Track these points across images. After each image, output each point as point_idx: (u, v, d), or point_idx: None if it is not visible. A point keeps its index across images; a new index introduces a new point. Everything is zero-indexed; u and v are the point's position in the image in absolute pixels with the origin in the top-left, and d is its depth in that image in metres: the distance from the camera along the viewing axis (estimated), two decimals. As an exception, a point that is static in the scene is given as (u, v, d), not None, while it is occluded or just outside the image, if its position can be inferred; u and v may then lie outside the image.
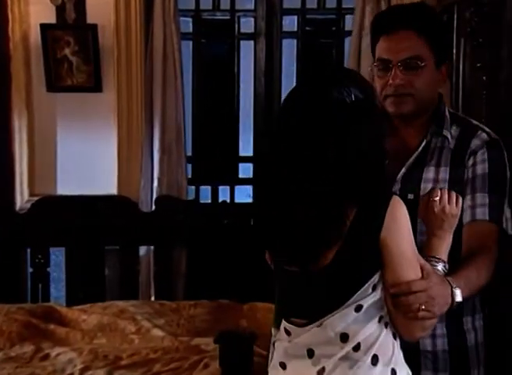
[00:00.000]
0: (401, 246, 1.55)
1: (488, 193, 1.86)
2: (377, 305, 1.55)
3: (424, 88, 1.87)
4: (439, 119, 1.92)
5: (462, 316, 1.89)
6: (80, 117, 3.55)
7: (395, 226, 1.54)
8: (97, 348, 2.71)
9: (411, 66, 1.85)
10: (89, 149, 3.54)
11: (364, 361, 1.54)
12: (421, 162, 1.91)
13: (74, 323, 2.94)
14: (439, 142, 1.92)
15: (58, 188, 3.55)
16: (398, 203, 1.56)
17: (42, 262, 3.25)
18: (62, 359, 2.62)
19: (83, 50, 3.48)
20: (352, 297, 1.54)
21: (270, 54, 3.74)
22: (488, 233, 1.85)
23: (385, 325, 1.56)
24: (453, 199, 1.73)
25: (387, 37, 1.88)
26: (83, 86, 3.52)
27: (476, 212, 1.85)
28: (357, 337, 1.54)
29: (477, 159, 1.88)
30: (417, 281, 1.54)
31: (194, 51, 3.75)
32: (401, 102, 1.87)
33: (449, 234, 1.72)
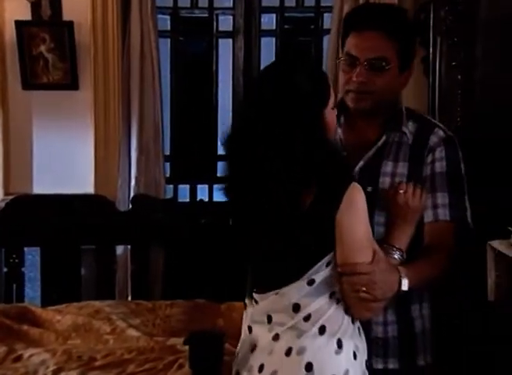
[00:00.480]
0: (354, 229, 1.66)
1: (447, 192, 1.94)
2: (329, 281, 1.67)
3: (385, 89, 1.93)
4: (397, 116, 1.99)
5: (411, 303, 1.98)
6: (56, 115, 3.52)
7: (350, 210, 1.65)
8: (72, 349, 2.68)
9: (376, 66, 1.91)
10: (65, 148, 3.51)
11: (311, 331, 1.67)
12: (379, 157, 1.97)
13: (48, 323, 2.90)
14: (397, 137, 1.98)
15: (34, 187, 3.51)
16: (356, 189, 1.66)
17: (17, 261, 3.21)
18: (35, 361, 2.58)
19: (59, 47, 3.45)
20: (308, 272, 1.66)
21: (249, 52, 3.72)
22: (448, 232, 1.94)
23: (337, 301, 1.69)
24: (417, 194, 1.85)
25: (358, 34, 1.94)
26: (59, 84, 3.49)
27: (438, 213, 1.93)
28: (307, 308, 1.68)
29: (435, 157, 1.95)
30: (363, 264, 1.65)
31: (172, 49, 3.73)
32: (361, 99, 1.93)
33: (410, 226, 1.84)
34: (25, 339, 2.78)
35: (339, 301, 1.69)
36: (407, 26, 1.99)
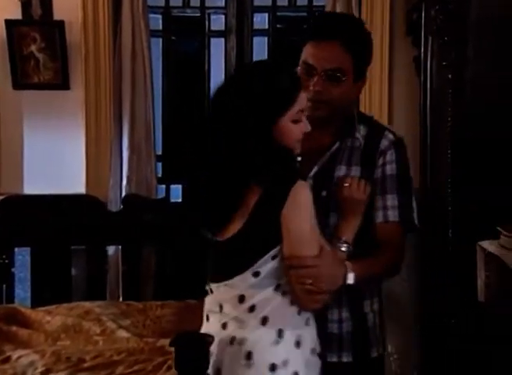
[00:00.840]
0: (299, 224, 1.74)
1: (397, 194, 2.03)
2: (275, 273, 1.77)
3: (341, 99, 2.00)
4: (350, 122, 2.07)
5: (363, 300, 2.09)
6: (47, 115, 3.50)
7: (295, 207, 1.73)
8: (61, 350, 2.66)
9: (333, 77, 1.98)
10: (56, 148, 3.49)
11: (253, 322, 1.77)
12: (333, 162, 2.06)
13: (38, 324, 2.88)
14: (350, 142, 2.06)
15: (25, 187, 3.50)
16: (301, 187, 1.75)
17: (6, 262, 3.19)
18: (24, 362, 2.56)
19: (49, 47, 3.43)
20: (254, 264, 1.76)
21: (241, 51, 3.71)
22: (397, 232, 2.04)
23: (282, 293, 1.78)
24: (361, 187, 1.96)
25: (316, 44, 1.99)
26: (50, 83, 3.47)
27: (388, 214, 2.03)
28: (252, 299, 1.78)
29: (386, 160, 2.04)
30: (309, 257, 1.75)
31: (164, 49, 3.72)
32: (317, 108, 1.99)
33: (356, 218, 1.95)
34: (14, 340, 2.76)
35: (284, 293, 1.78)
36: (363, 37, 2.04)
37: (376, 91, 3.46)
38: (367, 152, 2.05)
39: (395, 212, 2.03)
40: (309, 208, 1.76)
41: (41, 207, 3.20)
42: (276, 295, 1.78)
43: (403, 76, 3.43)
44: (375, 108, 3.46)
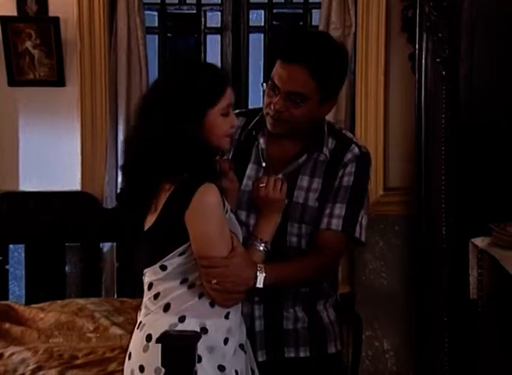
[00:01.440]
0: (205, 227, 1.80)
1: (346, 204, 2.06)
2: (181, 269, 1.84)
3: (301, 120, 2.02)
4: (319, 137, 2.09)
5: (317, 299, 2.15)
6: (42, 112, 3.50)
7: (200, 209, 1.78)
8: (53, 347, 2.65)
9: (292, 99, 2.00)
10: (52, 144, 3.49)
11: (156, 308, 1.85)
12: (297, 172, 2.08)
13: (31, 321, 2.88)
14: (316, 155, 2.09)
15: (20, 184, 3.49)
16: (207, 189, 1.79)
17: (0, 259, 3.19)
18: (15, 359, 2.55)
19: (45, 43, 3.42)
20: (162, 259, 1.83)
21: (237, 48, 3.70)
22: (336, 241, 2.07)
23: (190, 286, 1.85)
24: (277, 186, 1.97)
25: (283, 65, 2.01)
26: (45, 80, 3.46)
27: (332, 222, 2.06)
28: (158, 287, 1.86)
29: (345, 171, 2.07)
30: (216, 258, 1.80)
31: (160, 46, 3.70)
32: (277, 125, 2.04)
33: (274, 217, 1.98)
34: (6, 337, 2.76)
35: (191, 286, 1.85)
36: (333, 62, 2.02)
37: (372, 88, 3.45)
38: (331, 165, 2.09)
39: (339, 222, 2.06)
40: (216, 211, 1.81)
41: (36, 204, 3.20)
42: (182, 287, 1.85)
43: (399, 73, 3.42)
44: (371, 104, 3.46)
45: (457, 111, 2.58)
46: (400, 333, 3.48)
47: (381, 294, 3.49)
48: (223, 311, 1.87)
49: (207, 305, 1.85)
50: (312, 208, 2.08)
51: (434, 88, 2.73)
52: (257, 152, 2.13)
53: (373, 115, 3.47)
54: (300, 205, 2.08)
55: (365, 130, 3.48)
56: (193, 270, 1.85)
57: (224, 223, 1.83)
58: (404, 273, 3.48)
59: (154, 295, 1.88)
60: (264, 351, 2.09)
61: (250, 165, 2.12)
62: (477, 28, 2.57)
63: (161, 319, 1.84)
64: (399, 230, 3.51)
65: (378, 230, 3.50)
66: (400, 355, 3.49)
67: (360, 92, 3.47)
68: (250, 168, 2.12)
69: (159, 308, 1.86)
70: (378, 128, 3.47)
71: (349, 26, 3.42)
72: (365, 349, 3.43)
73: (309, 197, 2.08)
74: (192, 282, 1.85)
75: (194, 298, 1.85)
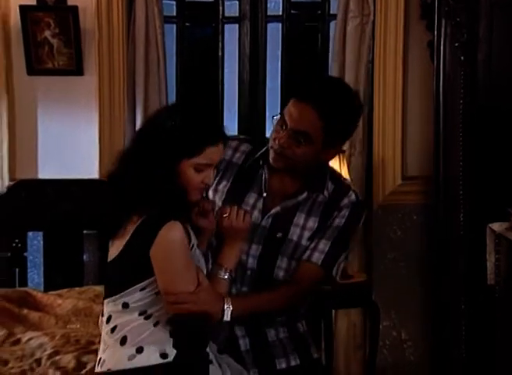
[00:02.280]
0: (170, 263, 1.81)
1: (331, 242, 2.13)
2: (142, 302, 1.86)
3: (302, 159, 2.09)
4: (321, 179, 2.17)
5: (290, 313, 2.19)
6: (61, 101, 3.51)
7: (164, 247, 1.80)
8: (70, 333, 2.67)
9: (297, 139, 2.06)
10: (70, 133, 3.50)
11: (115, 343, 1.87)
12: (295, 208, 2.14)
13: (49, 307, 2.90)
14: (316, 195, 2.16)
15: (39, 173, 3.51)
16: (172, 227, 1.80)
17: (19, 246, 3.21)
18: (33, 344, 2.57)
19: (63, 32, 3.43)
20: (122, 292, 1.86)
21: (255, 38, 3.69)
22: (311, 274, 2.13)
23: (147, 317, 1.86)
24: (240, 216, 1.99)
25: (295, 103, 2.08)
26: (64, 69, 3.47)
27: (313, 255, 2.13)
28: (116, 320, 1.88)
29: (339, 214, 2.15)
30: (184, 294, 1.82)
31: (178, 35, 3.70)
32: (278, 160, 2.10)
33: (237, 245, 2.00)
34: (25, 323, 2.78)
35: (148, 317, 1.86)
36: (344, 107, 2.09)
37: (390, 77, 3.42)
38: (328, 207, 2.16)
39: (320, 256, 2.12)
40: (180, 247, 1.82)
41: (54, 191, 3.22)
42: (139, 318, 1.87)
43: (418, 61, 3.39)
44: (389, 93, 3.43)
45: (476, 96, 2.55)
46: (418, 323, 3.46)
47: (398, 284, 3.47)
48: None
49: (165, 333, 1.85)
50: (303, 246, 2.15)
51: (452, 74, 2.70)
52: (259, 182, 2.18)
53: (391, 104, 3.44)
54: (294, 243, 2.14)
55: (383, 119, 3.45)
56: (153, 304, 1.87)
57: (189, 259, 1.86)
58: (422, 262, 3.46)
59: (111, 329, 1.90)
60: (256, 369, 2.12)
61: (249, 193, 2.17)
62: (495, 12, 2.54)
63: (118, 352, 1.86)
64: (417, 219, 3.48)
65: (396, 219, 3.48)
66: (417, 345, 3.47)
67: (378, 81, 3.44)
68: (248, 196, 2.17)
69: (116, 341, 1.88)
70: (396, 117, 3.44)
71: (367, 14, 3.40)
72: (383, 339, 3.41)
73: (303, 235, 2.14)
74: (150, 314, 1.88)
75: (150, 327, 1.86)
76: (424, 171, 3.43)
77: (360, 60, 3.43)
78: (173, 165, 1.84)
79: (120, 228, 1.86)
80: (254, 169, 2.19)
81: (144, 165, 1.84)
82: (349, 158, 3.37)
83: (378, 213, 3.47)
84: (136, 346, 1.85)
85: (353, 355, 3.44)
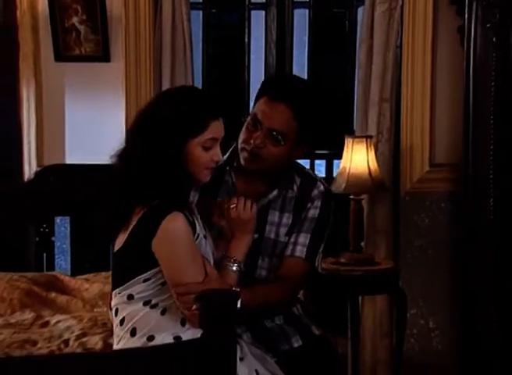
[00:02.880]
0: (173, 254, 1.80)
1: (310, 235, 2.17)
2: (147, 293, 1.85)
3: (276, 159, 2.11)
4: (288, 174, 2.20)
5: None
6: (88, 87, 3.53)
7: (167, 239, 1.80)
8: (97, 316, 2.69)
9: (274, 138, 2.08)
10: (97, 119, 3.52)
11: (125, 335, 1.87)
12: (267, 207, 2.17)
13: (76, 291, 2.92)
14: (285, 192, 2.19)
15: (66, 159, 3.53)
16: (174, 218, 1.80)
17: (47, 231, 3.23)
18: (61, 326, 2.59)
19: (91, 19, 3.45)
20: (125, 283, 1.87)
21: (281, 24, 3.66)
22: (299, 268, 2.17)
23: (152, 307, 1.86)
24: (247, 206, 2.01)
25: (269, 102, 2.10)
26: (91, 55, 3.49)
27: (296, 249, 2.16)
28: (122, 312, 1.89)
29: (312, 205, 2.18)
30: (193, 284, 1.80)
31: (204, 21, 3.69)
32: (252, 161, 2.11)
33: (246, 237, 2.01)
34: (52, 306, 2.81)
35: (154, 306, 1.86)
36: (316, 110, 2.15)
37: (419, 63, 3.38)
38: (300, 201, 2.18)
39: (303, 249, 2.16)
40: (182, 237, 1.81)
41: (81, 177, 3.23)
42: (145, 308, 1.86)
43: (447, 47, 3.35)
44: (418, 80, 3.39)
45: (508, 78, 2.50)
46: (446, 312, 3.42)
47: (426, 272, 3.43)
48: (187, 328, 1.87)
49: (175, 321, 1.86)
50: (283, 243, 2.18)
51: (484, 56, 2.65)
52: (227, 188, 2.19)
53: (419, 90, 3.40)
54: (272, 241, 2.17)
55: (411, 106, 3.41)
56: (158, 295, 1.87)
57: (194, 249, 1.85)
58: (450, 250, 3.42)
59: (120, 321, 1.90)
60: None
61: (218, 200, 2.16)
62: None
63: (130, 343, 1.86)
64: (445, 206, 3.44)
65: (423, 207, 3.45)
66: (445, 334, 3.43)
67: (406, 67, 3.40)
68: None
69: (126, 333, 1.88)
70: (424, 103, 3.40)
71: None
72: (410, 328, 3.38)
73: (280, 232, 2.18)
74: (155, 303, 1.87)
75: (157, 316, 1.86)
76: (452, 158, 3.39)
77: (388, 46, 3.39)
78: (180, 147, 1.84)
79: (124, 220, 1.86)
80: (218, 176, 2.18)
81: (152, 153, 1.83)
82: (376, 146, 3.34)
83: (406, 201, 3.44)
84: (146, 335, 1.85)
85: (380, 344, 3.41)
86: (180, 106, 1.85)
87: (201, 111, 1.86)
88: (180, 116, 1.84)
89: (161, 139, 1.83)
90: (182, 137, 1.84)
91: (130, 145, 1.91)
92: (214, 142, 1.88)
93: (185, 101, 1.88)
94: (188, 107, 1.85)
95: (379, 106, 3.39)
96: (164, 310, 1.86)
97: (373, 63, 3.40)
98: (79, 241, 3.27)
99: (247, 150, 2.11)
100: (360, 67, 3.43)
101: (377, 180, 3.11)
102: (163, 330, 1.84)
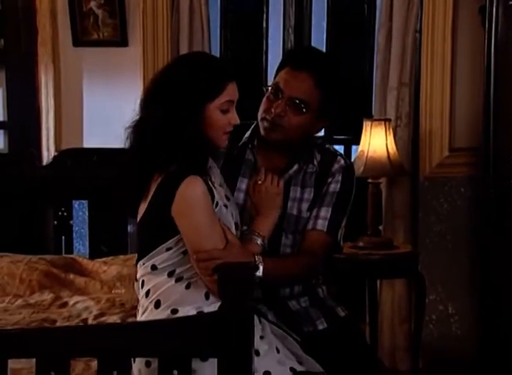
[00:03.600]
0: (193, 220, 1.78)
1: (331, 208, 2.15)
2: (170, 262, 1.84)
3: (298, 129, 2.09)
4: (308, 150, 2.17)
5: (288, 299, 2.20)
6: (106, 72, 3.54)
7: (185, 204, 1.77)
8: (115, 298, 2.71)
9: (296, 106, 2.06)
10: (115, 104, 3.50)
11: (150, 307, 1.84)
12: (288, 183, 2.14)
13: (94, 273, 2.93)
14: (306, 167, 2.17)
15: (84, 143, 3.54)
16: (191, 182, 1.78)
17: (65, 214, 3.24)
18: (79, 307, 2.62)
19: (108, 3, 3.45)
20: (150, 253, 1.84)
21: (300, 8, 3.64)
22: (321, 242, 2.15)
23: (177, 280, 1.84)
24: (274, 181, 2.03)
25: (291, 71, 2.08)
26: (109, 40, 3.49)
27: (317, 223, 2.14)
28: (148, 284, 1.86)
29: (333, 179, 2.17)
30: (214, 250, 1.79)
31: (222, 6, 3.67)
32: (273, 130, 2.08)
33: (272, 213, 2.01)
34: (71, 287, 2.83)
35: (178, 279, 1.84)
36: (338, 80, 2.13)
37: (439, 45, 3.34)
38: (320, 176, 2.17)
39: (324, 223, 2.14)
40: (200, 202, 1.79)
41: (99, 160, 3.23)
42: (169, 280, 1.84)
43: (468, 28, 3.31)
44: (437, 62, 3.35)
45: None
46: (465, 297, 3.39)
47: (445, 257, 3.40)
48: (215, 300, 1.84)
49: (199, 294, 1.84)
50: (305, 218, 2.16)
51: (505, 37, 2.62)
52: (248, 165, 2.17)
53: (439, 74, 3.37)
54: (295, 217, 2.15)
55: (431, 90, 3.38)
56: (181, 264, 1.85)
57: (213, 215, 1.82)
58: (470, 235, 3.39)
59: (146, 293, 1.88)
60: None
61: (240, 178, 2.16)
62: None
63: (154, 316, 1.84)
64: (464, 192, 3.41)
65: (442, 192, 3.42)
66: (464, 319, 3.40)
67: (426, 51, 3.37)
68: (240, 181, 2.16)
69: (151, 304, 1.86)
70: (444, 87, 3.37)
71: (415, -20, 3.33)
72: (429, 313, 3.36)
73: (302, 208, 2.15)
74: (179, 275, 1.85)
75: (182, 290, 1.85)
76: (472, 142, 3.35)
77: (407, 29, 3.36)
78: (198, 111, 1.82)
79: (144, 187, 1.85)
80: (240, 154, 2.18)
81: (168, 119, 1.81)
82: (395, 130, 3.31)
83: (425, 186, 3.41)
84: (170, 308, 1.83)
85: (399, 329, 3.39)
86: (197, 69, 1.84)
87: (218, 73, 1.85)
88: (197, 79, 1.82)
89: (177, 103, 1.81)
90: (199, 100, 1.82)
91: (145, 114, 1.89)
92: (231, 105, 1.87)
93: (201, 64, 1.87)
94: (205, 70, 1.84)
95: (398, 91, 3.37)
96: (189, 284, 1.85)
97: (392, 47, 3.37)
98: (97, 225, 3.28)
99: (267, 119, 2.09)
100: (379, 51, 3.40)
101: (395, 164, 3.08)
102: (187, 304, 1.83)
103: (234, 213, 1.97)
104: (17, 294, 2.74)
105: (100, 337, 1.55)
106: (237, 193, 2.13)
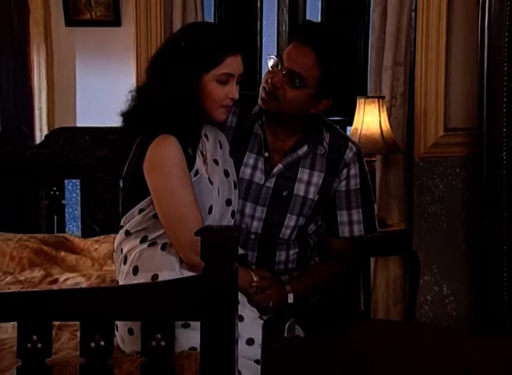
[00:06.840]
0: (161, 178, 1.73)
1: (361, 208, 2.15)
2: (141, 227, 1.81)
3: (291, 103, 2.04)
4: (317, 130, 2.14)
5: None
6: (98, 52, 3.51)
7: (154, 160, 1.73)
8: (106, 274, 2.68)
9: (292, 79, 2.02)
10: (108, 84, 3.49)
11: (128, 272, 1.82)
12: (296, 163, 2.12)
13: (85, 251, 2.91)
14: (315, 148, 2.13)
15: (77, 123, 3.51)
16: (163, 139, 1.74)
17: (57, 194, 3.22)
18: (70, 283, 2.59)
19: (101, -19, 3.42)
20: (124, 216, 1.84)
21: (294, -13, 3.62)
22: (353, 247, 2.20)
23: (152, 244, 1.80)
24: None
25: (296, 44, 2.06)
26: (101, 20, 3.46)
27: (354, 229, 2.16)
28: (124, 250, 1.84)
29: (350, 173, 2.14)
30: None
31: (216, -15, 3.66)
32: (268, 101, 2.06)
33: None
34: (62, 265, 2.81)
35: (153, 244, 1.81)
36: (343, 61, 2.06)
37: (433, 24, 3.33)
38: (331, 160, 2.13)
39: (360, 227, 2.16)
40: (171, 161, 1.75)
41: (91, 139, 3.21)
42: (143, 245, 1.82)
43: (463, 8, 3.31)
44: (432, 41, 3.33)
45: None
46: (460, 278, 3.37)
47: (440, 238, 3.38)
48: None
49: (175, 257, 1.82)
50: (312, 200, 2.12)
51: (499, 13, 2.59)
52: (257, 141, 2.14)
53: (434, 53, 3.35)
54: (301, 198, 2.12)
55: (426, 69, 3.36)
56: (153, 229, 1.82)
57: (185, 178, 1.77)
58: (464, 216, 3.37)
59: (124, 259, 1.87)
60: None
61: (248, 153, 2.13)
62: None
63: (134, 282, 1.80)
64: (460, 172, 3.39)
65: (437, 172, 3.40)
66: (459, 301, 3.38)
67: (421, 29, 3.35)
68: (248, 156, 2.13)
69: (130, 270, 1.84)
70: (439, 66, 3.35)
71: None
72: (424, 294, 3.34)
73: (309, 190, 2.12)
74: (152, 241, 1.82)
75: (157, 252, 1.82)
76: (467, 122, 3.33)
77: (402, 8, 3.33)
78: (195, 79, 1.80)
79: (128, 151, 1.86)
80: (249, 129, 2.16)
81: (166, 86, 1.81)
82: (390, 110, 3.29)
83: (420, 166, 3.39)
84: (149, 274, 1.80)
85: (394, 310, 3.37)
86: (197, 38, 1.84)
87: (217, 44, 1.84)
88: (196, 47, 1.82)
89: (174, 70, 1.79)
90: (196, 68, 1.81)
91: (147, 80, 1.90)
92: (229, 78, 1.85)
93: (203, 33, 1.86)
94: (204, 39, 1.83)
95: (393, 70, 3.34)
96: (164, 246, 1.83)
97: (387, 26, 3.34)
98: (89, 205, 3.25)
99: (265, 89, 2.07)
100: (374, 31, 3.38)
101: (389, 141, 3.06)
102: (165, 268, 1.80)
103: (225, 192, 1.94)
104: (7, 271, 2.72)
105: (82, 300, 1.53)
106: (244, 168, 2.12)
